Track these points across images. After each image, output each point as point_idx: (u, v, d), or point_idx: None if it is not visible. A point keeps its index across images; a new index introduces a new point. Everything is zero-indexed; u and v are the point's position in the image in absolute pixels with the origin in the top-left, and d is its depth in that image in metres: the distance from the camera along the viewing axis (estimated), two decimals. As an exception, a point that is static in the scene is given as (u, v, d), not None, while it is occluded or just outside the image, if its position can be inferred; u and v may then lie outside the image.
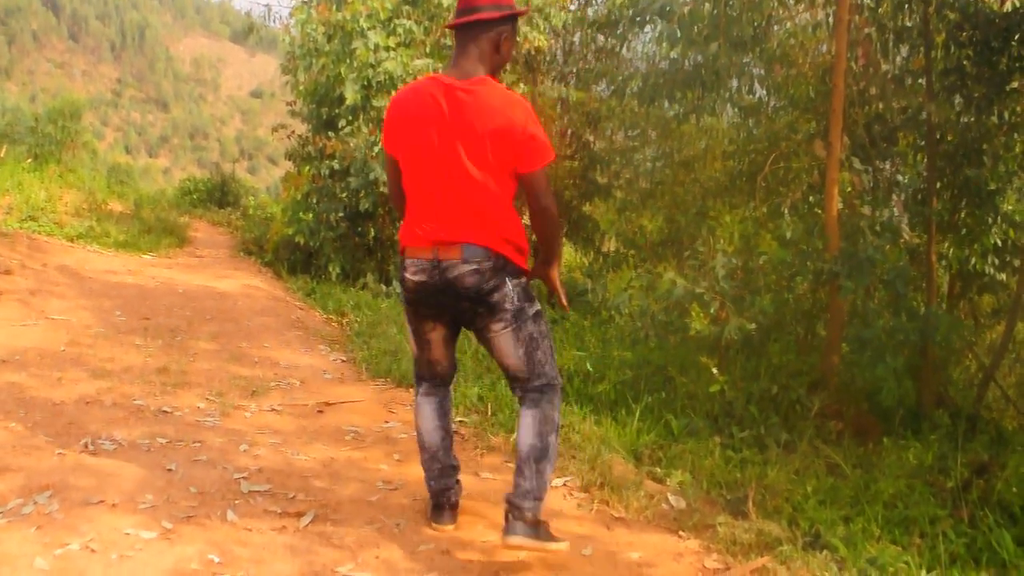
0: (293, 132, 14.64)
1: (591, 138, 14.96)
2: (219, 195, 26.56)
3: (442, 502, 3.71)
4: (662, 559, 3.59)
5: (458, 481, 3.78)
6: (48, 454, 4.20)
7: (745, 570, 3.51)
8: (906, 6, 8.34)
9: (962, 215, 8.54)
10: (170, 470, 4.12)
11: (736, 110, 10.56)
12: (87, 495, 3.71)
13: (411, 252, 3.45)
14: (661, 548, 3.70)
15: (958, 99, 8.25)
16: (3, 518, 3.44)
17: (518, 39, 12.20)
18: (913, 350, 7.54)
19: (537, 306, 3.49)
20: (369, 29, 11.69)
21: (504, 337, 3.45)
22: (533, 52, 13.47)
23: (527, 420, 3.48)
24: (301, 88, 13.76)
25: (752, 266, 7.49)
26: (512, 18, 3.44)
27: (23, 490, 3.72)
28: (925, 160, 8.46)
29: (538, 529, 3.37)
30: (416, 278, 3.43)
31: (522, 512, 3.34)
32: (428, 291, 3.44)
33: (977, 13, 7.73)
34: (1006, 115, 8.03)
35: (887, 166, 8.91)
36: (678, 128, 11.60)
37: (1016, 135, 8.22)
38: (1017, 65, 7.65)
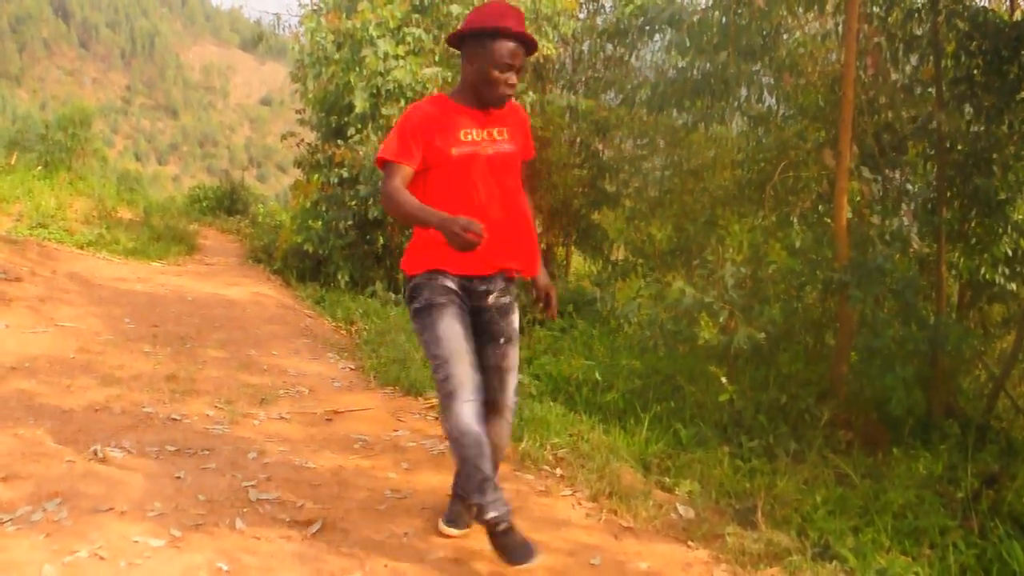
0: (302, 140, 14.64)
1: (600, 147, 14.95)
2: (228, 203, 26.63)
3: None
4: (671, 569, 3.58)
5: None
6: (57, 461, 4.21)
7: (754, 581, 3.51)
8: (916, 15, 8.33)
9: (972, 224, 8.52)
10: (179, 478, 4.12)
11: (745, 119, 10.56)
12: (96, 502, 3.71)
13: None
14: (670, 558, 3.69)
15: (968, 108, 8.24)
16: (12, 525, 3.45)
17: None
18: (923, 360, 7.52)
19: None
20: (379, 37, 11.71)
21: None
22: (542, 60, 13.47)
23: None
24: (310, 96, 13.78)
25: (761, 275, 7.49)
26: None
27: (32, 497, 3.72)
28: (935, 169, 8.44)
29: None
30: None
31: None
32: None
33: (987, 23, 7.73)
34: (1016, 124, 8.01)
35: (896, 175, 8.89)
36: (687, 137, 11.61)
37: (1026, 144, 8.20)
38: (1027, 74, 7.64)
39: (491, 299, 3.48)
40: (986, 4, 8.61)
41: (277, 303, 10.27)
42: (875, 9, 8.57)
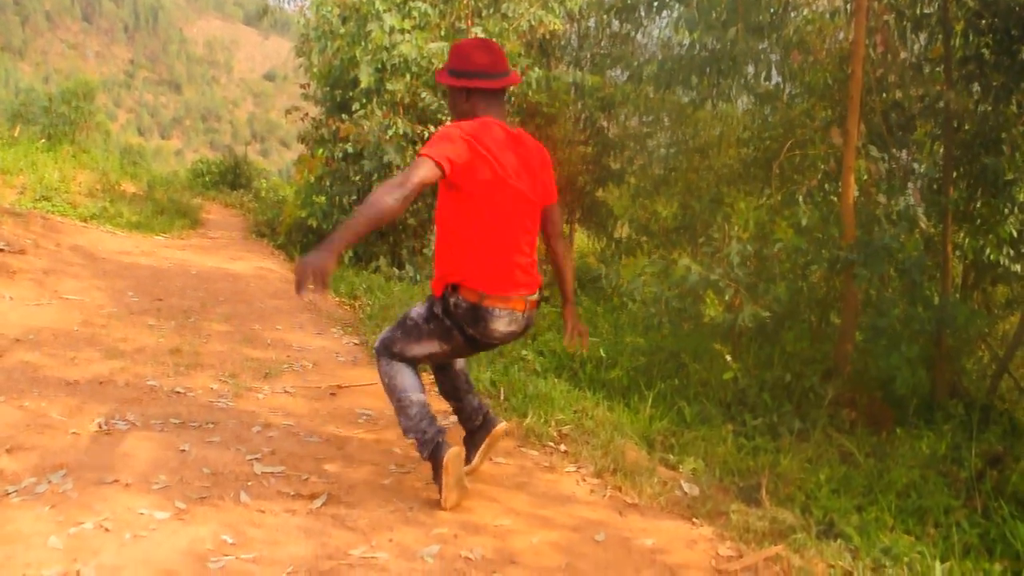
0: (306, 115, 14.61)
1: (605, 123, 14.91)
2: (232, 177, 26.65)
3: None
4: (675, 546, 3.58)
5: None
6: (62, 433, 4.21)
7: (758, 558, 3.50)
8: (925, -7, 8.28)
9: (978, 205, 8.49)
10: (183, 451, 4.12)
11: (752, 97, 10.51)
12: (101, 474, 3.71)
13: (503, 302, 3.56)
14: (674, 535, 3.69)
15: (976, 88, 8.19)
16: (17, 496, 3.44)
17: (532, 24, 12.20)
18: (928, 340, 7.51)
19: None
20: (384, 11, 11.66)
21: None
22: (548, 36, 13.42)
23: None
24: (315, 70, 13.76)
25: (767, 253, 7.46)
26: None
27: (37, 469, 3.72)
28: (942, 149, 8.40)
29: None
30: (510, 328, 3.61)
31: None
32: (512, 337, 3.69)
33: (997, 1, 7.67)
34: (1024, 104, 7.97)
35: (904, 154, 8.86)
36: (693, 114, 11.58)
37: (1034, 125, 8.15)
38: (1037, 54, 7.59)
39: None
40: (996, -18, 8.54)
41: (281, 277, 10.27)
42: (885, -13, 8.51)
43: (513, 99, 12.12)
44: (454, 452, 3.61)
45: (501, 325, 3.54)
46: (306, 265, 3.05)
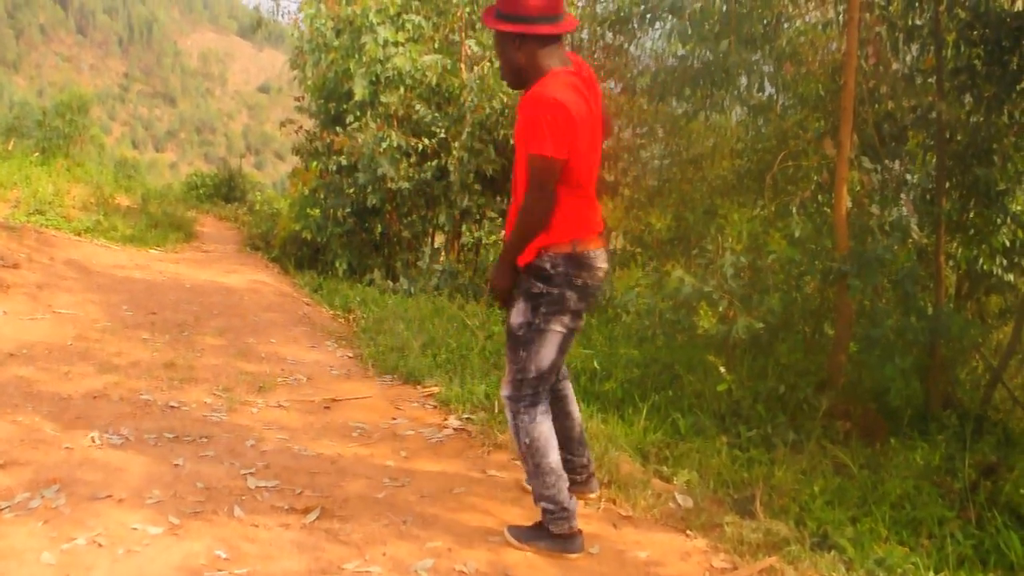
0: (301, 127, 14.62)
1: (599, 135, 14.91)
2: (226, 190, 26.67)
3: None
4: (669, 558, 3.58)
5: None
6: (55, 448, 4.20)
7: (753, 570, 3.50)
8: (916, 5, 8.29)
9: (971, 215, 8.50)
10: (177, 465, 4.12)
11: (745, 108, 10.52)
12: (94, 490, 3.71)
13: (595, 243, 3.45)
14: (668, 547, 3.69)
15: (968, 98, 8.21)
16: (10, 512, 3.44)
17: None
18: (921, 350, 7.51)
19: None
20: (378, 24, 11.69)
21: None
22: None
23: (573, 398, 3.92)
24: (309, 83, 13.76)
25: (760, 265, 7.46)
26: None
27: (30, 484, 3.72)
28: (935, 159, 8.41)
29: None
30: (604, 266, 3.46)
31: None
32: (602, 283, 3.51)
33: (988, 12, 7.69)
34: (1016, 115, 7.98)
35: (896, 165, 8.86)
36: (686, 126, 11.58)
37: (1026, 135, 8.17)
38: (1028, 64, 7.61)
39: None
40: (987, -7, 8.57)
41: (275, 291, 10.26)
42: (876, -2, 8.54)
43: (507, 111, 12.12)
44: (583, 555, 3.52)
45: (600, 262, 3.43)
46: (491, 287, 3.35)
